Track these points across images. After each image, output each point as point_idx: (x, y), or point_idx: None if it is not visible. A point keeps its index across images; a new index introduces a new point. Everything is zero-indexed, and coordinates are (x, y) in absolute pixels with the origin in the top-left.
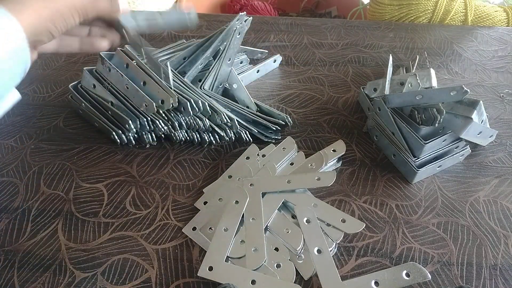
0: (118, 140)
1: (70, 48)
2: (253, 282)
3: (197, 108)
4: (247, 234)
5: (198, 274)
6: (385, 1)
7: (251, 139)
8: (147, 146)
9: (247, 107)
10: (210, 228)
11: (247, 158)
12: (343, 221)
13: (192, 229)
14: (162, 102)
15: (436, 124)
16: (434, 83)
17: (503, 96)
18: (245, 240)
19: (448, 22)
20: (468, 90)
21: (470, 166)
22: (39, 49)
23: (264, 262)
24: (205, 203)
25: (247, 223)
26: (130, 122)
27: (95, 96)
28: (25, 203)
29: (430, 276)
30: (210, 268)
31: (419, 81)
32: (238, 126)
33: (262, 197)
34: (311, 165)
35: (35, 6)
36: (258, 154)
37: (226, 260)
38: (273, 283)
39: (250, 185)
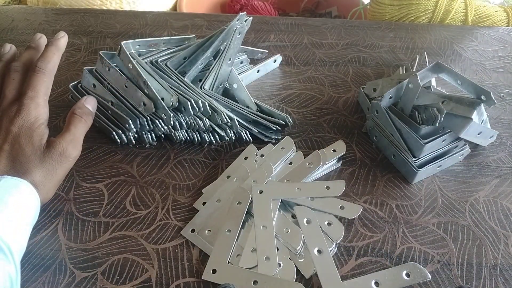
0: (118, 140)
1: None
2: (255, 282)
3: (197, 108)
4: (258, 243)
5: (202, 278)
6: (385, 1)
7: (251, 139)
8: (147, 146)
9: (247, 107)
10: (209, 230)
11: (245, 158)
12: (342, 207)
13: (191, 231)
14: (163, 99)
15: (437, 124)
16: (434, 82)
17: (503, 96)
18: (256, 249)
19: (448, 22)
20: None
21: (470, 166)
22: None
23: (277, 271)
24: (204, 203)
25: (258, 231)
26: (130, 121)
27: (95, 96)
28: None
29: (430, 276)
30: (214, 271)
31: (419, 81)
32: (238, 126)
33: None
34: (308, 164)
35: (47, 185)
36: (256, 154)
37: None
38: (276, 282)
39: (260, 192)
